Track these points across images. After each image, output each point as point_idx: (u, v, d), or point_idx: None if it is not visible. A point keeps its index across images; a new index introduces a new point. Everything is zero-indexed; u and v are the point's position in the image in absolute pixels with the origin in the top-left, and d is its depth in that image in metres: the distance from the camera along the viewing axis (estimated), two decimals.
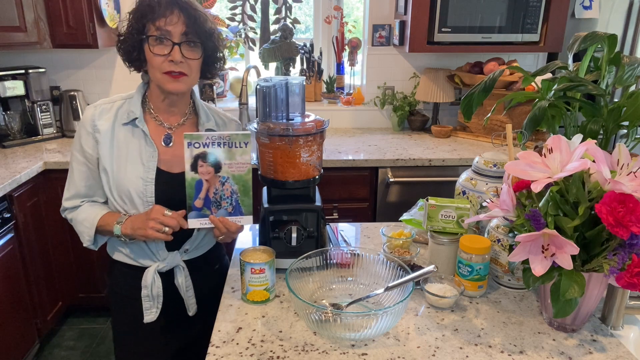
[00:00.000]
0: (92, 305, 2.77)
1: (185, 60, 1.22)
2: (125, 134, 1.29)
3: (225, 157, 1.21)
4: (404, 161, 2.49)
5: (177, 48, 1.20)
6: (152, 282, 1.31)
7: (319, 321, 1.05)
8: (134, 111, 1.28)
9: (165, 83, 1.24)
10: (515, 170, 1.00)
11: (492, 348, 1.04)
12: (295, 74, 3.13)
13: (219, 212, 1.24)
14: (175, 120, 1.34)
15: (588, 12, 2.77)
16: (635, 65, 1.17)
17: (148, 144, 1.29)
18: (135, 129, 1.29)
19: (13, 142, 2.68)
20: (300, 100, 1.36)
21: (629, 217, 0.87)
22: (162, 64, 1.21)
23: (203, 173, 1.21)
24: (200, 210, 1.23)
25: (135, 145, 1.28)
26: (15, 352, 2.20)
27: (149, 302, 1.33)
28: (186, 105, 1.36)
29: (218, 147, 1.20)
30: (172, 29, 1.19)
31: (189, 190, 1.21)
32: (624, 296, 1.11)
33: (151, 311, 1.34)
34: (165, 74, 1.22)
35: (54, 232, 2.50)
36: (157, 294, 1.33)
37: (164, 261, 1.33)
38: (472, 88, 1.28)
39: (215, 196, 1.23)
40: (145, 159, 1.28)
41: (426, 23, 2.62)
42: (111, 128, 1.28)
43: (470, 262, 1.18)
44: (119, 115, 1.30)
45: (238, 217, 1.25)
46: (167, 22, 1.19)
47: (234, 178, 1.23)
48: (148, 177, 1.27)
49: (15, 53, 2.86)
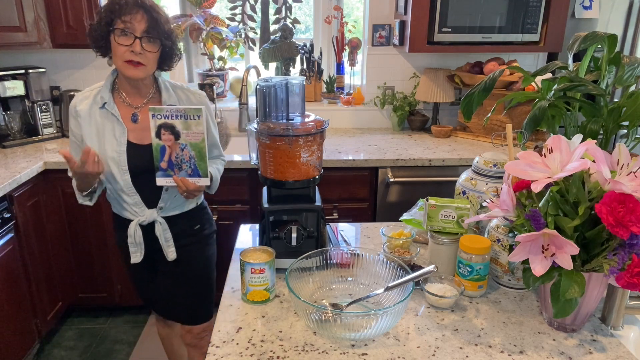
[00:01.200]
0: (92, 305, 2.77)
1: (144, 52, 1.46)
2: (101, 116, 1.56)
3: (183, 127, 1.45)
4: (404, 161, 2.49)
5: (138, 41, 1.45)
6: (135, 232, 1.62)
7: (319, 321, 1.05)
8: (104, 97, 1.56)
9: (125, 70, 1.49)
10: (515, 170, 1.00)
11: (492, 348, 1.04)
12: (295, 74, 3.13)
13: (180, 173, 1.51)
14: (140, 101, 1.60)
15: (588, 12, 2.77)
16: (635, 65, 1.17)
17: (119, 123, 1.56)
18: (108, 112, 1.56)
19: (13, 142, 2.68)
20: (300, 100, 1.36)
21: (629, 217, 0.87)
22: (124, 53, 1.45)
23: (165, 140, 1.47)
24: (165, 171, 1.50)
25: (109, 124, 1.56)
26: (15, 352, 2.20)
27: (134, 247, 1.65)
28: (149, 87, 1.61)
29: (176, 118, 1.45)
30: (136, 25, 1.44)
31: (155, 154, 1.48)
32: (624, 296, 1.11)
33: (136, 255, 1.66)
34: (126, 62, 1.47)
35: (54, 232, 2.50)
36: (140, 242, 1.64)
37: (144, 216, 1.62)
38: (472, 88, 1.28)
39: (177, 160, 1.49)
40: (118, 135, 1.56)
41: (426, 23, 2.62)
42: (89, 111, 1.56)
43: (470, 262, 1.18)
44: (95, 100, 1.57)
45: (197, 179, 1.52)
46: (132, 18, 1.44)
47: (191, 145, 1.47)
48: (121, 150, 1.55)
49: (15, 53, 2.86)
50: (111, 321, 2.77)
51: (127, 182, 1.56)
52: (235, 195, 2.47)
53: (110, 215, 2.44)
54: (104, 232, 2.56)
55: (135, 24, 1.44)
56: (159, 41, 1.49)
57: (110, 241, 2.58)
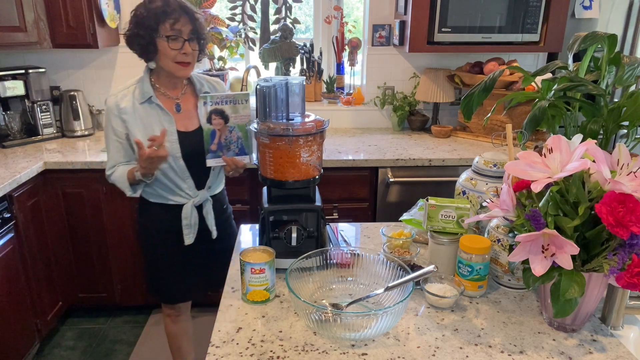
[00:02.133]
0: (92, 305, 2.77)
1: (192, 52, 1.62)
2: (145, 110, 1.67)
3: (231, 111, 1.61)
4: (404, 161, 2.49)
5: (187, 44, 1.60)
6: (191, 214, 1.74)
7: (319, 321, 1.05)
8: (148, 92, 1.66)
9: (176, 71, 1.63)
10: (515, 170, 1.00)
11: (492, 348, 1.04)
12: (295, 74, 3.13)
13: (228, 153, 1.66)
14: (177, 92, 1.73)
15: (588, 12, 2.77)
16: (635, 65, 1.17)
17: (165, 113, 1.67)
18: (151, 105, 1.67)
19: (13, 142, 2.68)
20: (300, 100, 1.36)
21: (629, 217, 0.87)
22: (175, 55, 1.59)
23: (216, 124, 1.61)
24: (215, 152, 1.64)
25: (155, 117, 1.67)
26: (15, 352, 2.20)
27: (188, 229, 1.76)
28: (183, 80, 1.75)
29: (225, 104, 1.61)
30: (182, 29, 1.58)
31: (206, 137, 1.62)
32: (624, 296, 1.11)
33: (189, 236, 1.77)
34: (177, 63, 1.61)
35: (54, 232, 2.50)
36: (195, 222, 1.77)
37: (197, 197, 1.76)
38: (472, 88, 1.28)
39: (226, 141, 1.64)
40: (167, 125, 1.66)
41: (426, 23, 2.62)
42: (132, 107, 1.66)
43: (470, 262, 1.18)
44: (135, 96, 1.67)
45: (242, 157, 1.67)
46: (180, 24, 1.57)
47: (239, 127, 1.64)
48: (172, 139, 1.67)
49: (15, 53, 2.86)
50: (111, 321, 2.77)
51: (182, 167, 1.69)
52: (235, 195, 2.47)
53: (112, 217, 2.43)
54: (104, 232, 2.56)
55: (183, 27, 1.58)
56: (197, 40, 1.64)
57: (110, 241, 2.58)
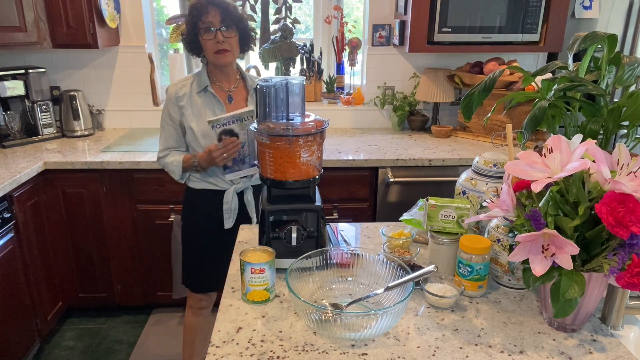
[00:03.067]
0: (92, 305, 2.77)
1: (226, 39, 1.75)
2: (201, 99, 1.85)
3: (240, 129, 1.74)
4: (404, 161, 2.49)
5: (219, 32, 1.74)
6: (232, 199, 1.89)
7: (319, 321, 1.05)
8: (205, 81, 1.85)
9: (216, 60, 1.79)
10: (515, 170, 1.00)
11: (492, 348, 1.04)
12: (295, 74, 3.13)
13: (244, 166, 1.80)
14: (231, 85, 1.91)
15: (588, 12, 2.77)
16: (635, 65, 1.17)
17: (218, 102, 1.86)
18: (206, 94, 1.85)
19: (13, 142, 2.68)
20: (300, 100, 1.36)
21: (629, 217, 0.87)
22: (212, 46, 1.75)
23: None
24: (231, 167, 1.81)
25: (210, 105, 1.85)
26: (15, 352, 2.20)
27: (229, 213, 1.91)
28: (235, 74, 1.92)
29: (233, 123, 1.73)
30: (213, 20, 1.73)
31: None
32: (624, 296, 1.11)
33: (229, 220, 1.92)
34: (215, 53, 1.76)
35: (54, 232, 2.50)
36: (235, 207, 1.92)
37: (240, 184, 1.91)
38: (472, 88, 1.28)
39: (239, 156, 1.79)
40: (218, 113, 1.84)
41: (426, 23, 2.62)
42: (190, 96, 1.85)
43: (470, 262, 1.18)
44: (193, 87, 1.85)
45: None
46: (209, 16, 1.73)
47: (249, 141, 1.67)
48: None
49: (15, 53, 2.86)
50: (111, 321, 2.77)
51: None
52: None
53: (112, 217, 2.44)
54: (104, 232, 2.56)
55: (212, 19, 1.72)
56: (234, 26, 1.76)
57: (110, 241, 2.58)
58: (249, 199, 1.93)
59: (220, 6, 1.73)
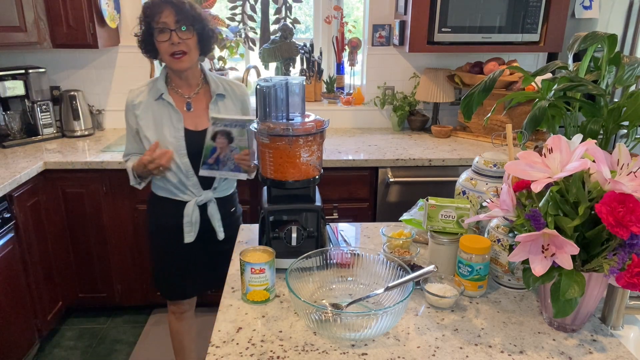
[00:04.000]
0: (92, 305, 2.77)
1: (182, 40, 1.62)
2: (158, 107, 1.73)
3: (238, 134, 1.62)
4: (404, 161, 2.49)
5: (174, 33, 1.60)
6: (192, 212, 1.76)
7: (319, 321, 1.05)
8: (160, 89, 1.72)
9: (172, 64, 1.66)
10: (515, 170, 1.00)
11: (492, 348, 1.04)
12: (295, 74, 3.13)
13: (224, 168, 1.67)
14: (191, 91, 1.77)
15: (588, 12, 2.77)
16: (635, 65, 1.17)
17: (175, 111, 1.72)
18: (163, 102, 1.72)
19: (13, 142, 2.68)
20: (300, 100, 1.36)
21: (629, 217, 0.87)
22: (167, 48, 1.62)
23: (219, 143, 1.63)
24: (210, 165, 1.66)
25: (166, 114, 1.72)
26: (15, 352, 2.20)
27: (189, 227, 1.78)
28: (198, 78, 1.78)
29: (234, 127, 1.62)
30: (167, 20, 1.60)
31: (205, 152, 1.64)
32: (624, 296, 1.11)
33: (190, 234, 1.79)
34: (170, 56, 1.63)
35: (54, 232, 2.50)
36: (196, 221, 1.78)
37: (201, 196, 1.78)
38: (472, 88, 1.28)
39: (224, 158, 1.66)
40: (175, 122, 1.72)
41: (426, 23, 2.62)
42: (146, 103, 1.73)
43: (470, 262, 1.18)
44: (151, 94, 1.73)
45: (237, 173, 1.68)
46: (163, 15, 1.60)
47: (241, 148, 1.64)
48: (179, 135, 1.72)
49: (15, 53, 2.86)
50: (111, 321, 2.77)
51: (187, 165, 1.72)
52: None
53: (112, 218, 2.44)
54: (104, 232, 2.56)
55: (166, 19, 1.60)
56: (191, 27, 1.63)
57: (110, 241, 2.58)
58: (212, 213, 1.80)
59: (174, 5, 1.61)
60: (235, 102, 1.82)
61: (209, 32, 1.71)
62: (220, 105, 1.78)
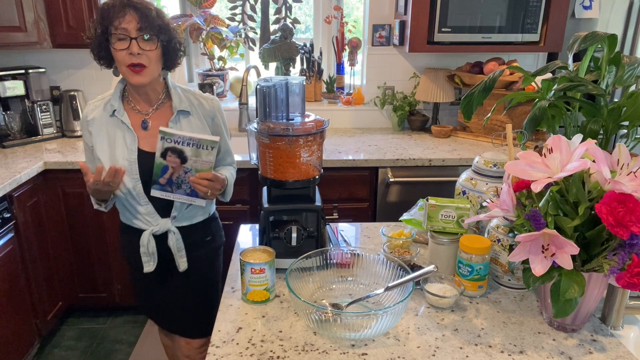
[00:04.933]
0: (92, 305, 2.77)
1: (143, 52, 1.41)
2: (112, 124, 1.53)
3: (192, 154, 1.42)
4: (404, 161, 2.49)
5: (134, 42, 1.40)
6: (148, 242, 1.55)
7: (319, 321, 1.05)
8: (113, 104, 1.53)
9: (129, 77, 1.45)
10: (515, 170, 1.00)
11: (492, 348, 1.04)
12: (295, 74, 3.13)
13: (178, 191, 1.47)
14: (150, 106, 1.56)
15: (588, 12, 2.77)
16: (635, 65, 1.17)
17: (129, 131, 1.52)
18: (118, 120, 1.53)
19: (13, 142, 2.68)
20: (300, 100, 1.36)
21: (629, 217, 0.87)
22: (124, 58, 1.41)
23: (170, 162, 1.43)
24: (163, 186, 1.46)
25: (120, 132, 1.53)
26: (15, 352, 2.20)
27: (147, 257, 1.58)
28: (158, 93, 1.56)
29: (187, 146, 1.41)
30: (127, 27, 1.39)
31: (156, 171, 1.44)
32: (624, 296, 1.11)
33: (149, 264, 1.59)
34: (128, 67, 1.42)
35: (54, 232, 2.50)
36: (152, 251, 1.57)
37: (157, 226, 1.56)
38: (472, 88, 1.28)
39: (177, 180, 1.45)
40: (129, 143, 1.52)
41: (426, 23, 2.62)
42: (100, 120, 1.54)
43: (470, 262, 1.18)
44: (106, 109, 1.54)
45: (193, 199, 1.49)
46: (122, 21, 1.39)
47: (197, 171, 1.44)
48: (131, 158, 1.51)
49: (15, 53, 2.86)
50: (111, 321, 2.77)
51: (140, 190, 1.51)
52: (235, 195, 2.46)
53: (112, 218, 2.43)
54: (104, 232, 2.56)
55: (127, 25, 1.39)
56: (155, 38, 1.42)
57: (110, 241, 2.58)
58: (172, 244, 1.57)
59: (138, 10, 1.39)
60: (204, 118, 1.58)
61: (175, 45, 1.50)
62: (184, 123, 1.55)
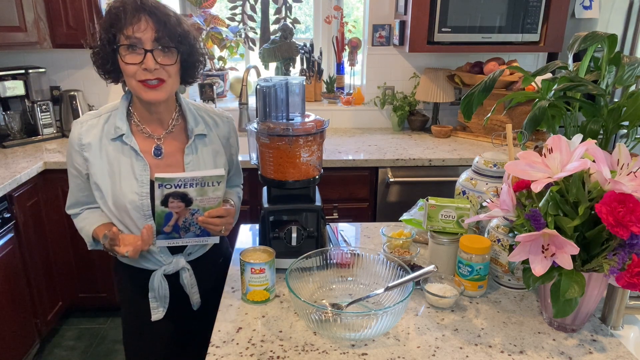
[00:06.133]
0: (92, 305, 2.77)
1: (160, 66, 1.18)
2: (114, 149, 1.27)
3: (197, 194, 1.20)
4: (404, 161, 2.49)
5: (150, 55, 1.15)
6: (159, 285, 1.35)
7: (319, 321, 1.05)
8: (120, 127, 1.26)
9: (141, 92, 1.20)
10: (515, 170, 1.00)
11: (492, 348, 1.04)
12: (295, 74, 3.13)
13: (187, 235, 1.26)
14: (162, 130, 1.31)
15: (588, 12, 2.77)
16: (635, 65, 1.17)
17: (139, 159, 1.27)
18: (123, 145, 1.27)
19: (13, 142, 2.68)
20: (300, 100, 1.36)
21: (629, 217, 0.87)
22: (136, 73, 1.17)
23: (173, 208, 1.20)
24: (169, 234, 1.24)
25: (126, 160, 1.26)
26: (15, 352, 2.20)
27: (156, 303, 1.38)
28: (171, 112, 1.32)
29: (190, 187, 1.19)
30: (141, 36, 1.15)
31: (158, 220, 1.21)
32: (624, 296, 1.11)
33: (158, 310, 1.38)
34: (141, 82, 1.18)
35: (54, 232, 2.50)
36: (164, 295, 1.37)
37: (170, 265, 1.35)
38: (472, 88, 1.28)
39: (185, 223, 1.24)
40: (138, 173, 1.26)
41: (426, 23, 2.62)
42: (99, 144, 1.27)
43: (470, 262, 1.18)
44: (105, 130, 1.27)
45: (205, 238, 1.29)
46: (136, 29, 1.14)
47: (204, 209, 1.23)
48: (143, 192, 1.26)
49: (15, 53, 2.86)
50: (111, 321, 2.77)
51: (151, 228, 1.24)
52: None
53: None
54: None
55: (141, 34, 1.15)
56: (175, 50, 1.19)
57: None
58: (184, 282, 1.38)
59: (155, 16, 1.15)
60: (219, 140, 1.39)
61: (197, 57, 1.28)
62: (200, 148, 1.33)
